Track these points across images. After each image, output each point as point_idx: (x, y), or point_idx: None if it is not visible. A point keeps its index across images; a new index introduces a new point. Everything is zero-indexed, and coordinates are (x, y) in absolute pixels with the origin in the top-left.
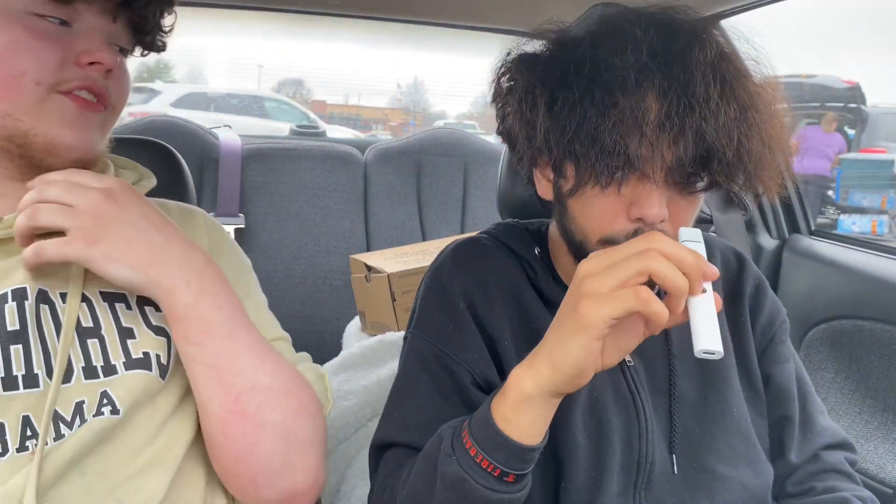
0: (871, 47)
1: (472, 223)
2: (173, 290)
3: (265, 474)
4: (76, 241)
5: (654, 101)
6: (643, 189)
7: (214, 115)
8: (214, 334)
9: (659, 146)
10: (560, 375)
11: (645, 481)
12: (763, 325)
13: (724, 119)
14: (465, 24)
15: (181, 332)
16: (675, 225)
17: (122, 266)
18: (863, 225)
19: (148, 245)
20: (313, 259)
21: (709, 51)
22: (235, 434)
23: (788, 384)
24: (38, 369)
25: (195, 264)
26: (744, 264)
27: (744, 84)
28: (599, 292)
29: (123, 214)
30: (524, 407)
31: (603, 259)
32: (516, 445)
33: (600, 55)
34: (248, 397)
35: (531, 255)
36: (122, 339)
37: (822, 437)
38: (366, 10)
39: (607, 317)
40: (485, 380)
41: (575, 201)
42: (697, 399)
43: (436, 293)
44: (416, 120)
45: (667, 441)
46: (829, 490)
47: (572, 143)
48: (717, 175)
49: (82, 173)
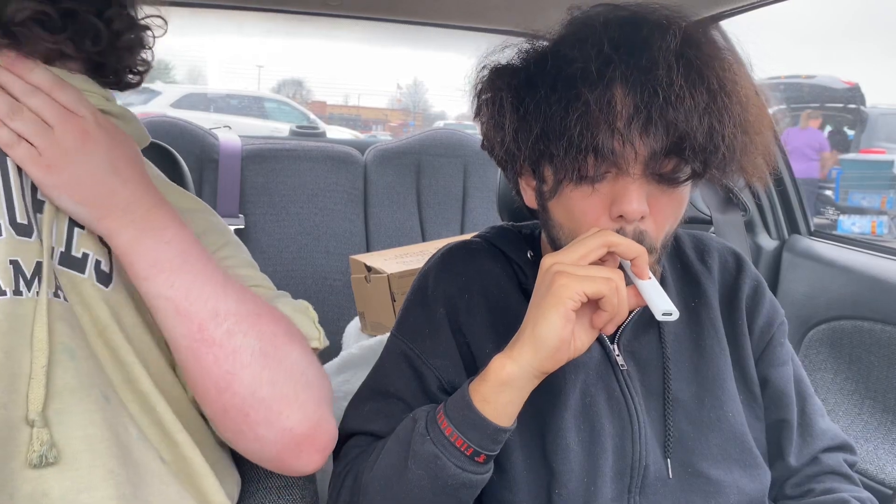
0: (870, 47)
1: (472, 224)
2: (114, 230)
3: (256, 408)
4: (37, 164)
5: (620, 92)
6: (621, 185)
7: (214, 116)
8: (163, 267)
9: (630, 138)
10: (541, 352)
11: (639, 486)
12: (761, 328)
13: (692, 104)
14: (465, 25)
15: (129, 269)
16: (658, 221)
17: (68, 200)
18: (863, 226)
19: (99, 187)
20: (313, 259)
21: (671, 38)
22: (208, 364)
23: (786, 387)
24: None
25: (143, 204)
26: (741, 265)
27: (713, 69)
28: (573, 272)
29: (89, 153)
30: (505, 388)
31: (565, 249)
32: (492, 426)
33: (562, 52)
34: (213, 324)
35: (523, 258)
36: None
37: (821, 440)
38: (366, 10)
39: (581, 291)
40: (452, 387)
41: (556, 205)
42: (692, 402)
43: (419, 297)
44: (416, 120)
45: (661, 445)
46: (828, 491)
47: (541, 141)
48: (693, 162)
49: (68, 90)
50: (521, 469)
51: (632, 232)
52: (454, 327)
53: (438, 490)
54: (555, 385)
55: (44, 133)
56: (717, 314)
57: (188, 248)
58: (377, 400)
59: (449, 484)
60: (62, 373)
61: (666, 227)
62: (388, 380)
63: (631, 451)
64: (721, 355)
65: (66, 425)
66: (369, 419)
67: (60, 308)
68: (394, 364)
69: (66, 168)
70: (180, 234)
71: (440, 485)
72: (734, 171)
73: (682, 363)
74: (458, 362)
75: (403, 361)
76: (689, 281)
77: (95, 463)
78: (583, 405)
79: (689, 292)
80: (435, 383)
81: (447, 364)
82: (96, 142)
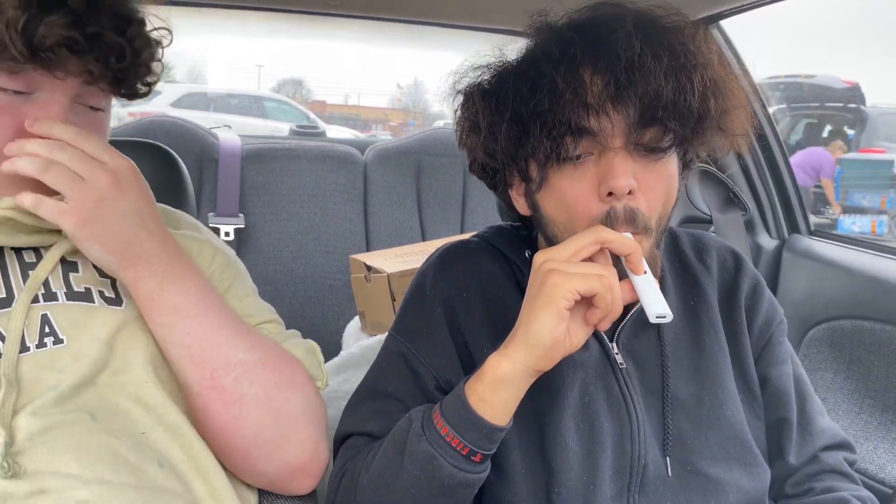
0: (871, 47)
1: (472, 223)
2: (139, 279)
3: (258, 447)
4: (71, 214)
5: (587, 71)
6: (605, 163)
7: (214, 115)
8: (181, 315)
9: (604, 110)
10: (536, 350)
11: (638, 484)
12: (760, 327)
13: (656, 65)
14: (465, 25)
15: (147, 314)
16: (649, 199)
17: (100, 250)
18: (863, 225)
19: (129, 238)
20: (313, 259)
21: (627, 14)
22: (217, 409)
23: (786, 386)
24: None
25: (166, 254)
26: (740, 264)
27: (674, 35)
28: (565, 269)
29: (120, 203)
30: (500, 386)
31: (557, 246)
32: (488, 425)
33: (528, 45)
34: (224, 373)
35: (521, 257)
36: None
37: (820, 438)
38: (366, 10)
39: (573, 289)
40: (449, 386)
41: (546, 198)
42: (691, 401)
43: (416, 296)
44: (416, 120)
45: (660, 443)
46: (828, 490)
47: (515, 125)
48: (669, 122)
49: (93, 141)
50: (520, 468)
51: (622, 210)
52: (452, 326)
53: (435, 490)
54: (554, 384)
55: (76, 184)
56: (716, 313)
57: (206, 297)
58: (374, 400)
59: (445, 484)
60: (43, 405)
61: (658, 206)
62: (385, 379)
63: (630, 449)
64: (720, 354)
65: (51, 443)
66: (366, 420)
67: (46, 357)
68: (391, 363)
69: (99, 219)
70: (199, 284)
71: (437, 485)
72: (714, 132)
73: (681, 362)
74: (456, 361)
75: (400, 361)
76: (689, 280)
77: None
78: (582, 404)
79: (688, 291)
80: (432, 382)
81: (444, 363)
82: (125, 190)
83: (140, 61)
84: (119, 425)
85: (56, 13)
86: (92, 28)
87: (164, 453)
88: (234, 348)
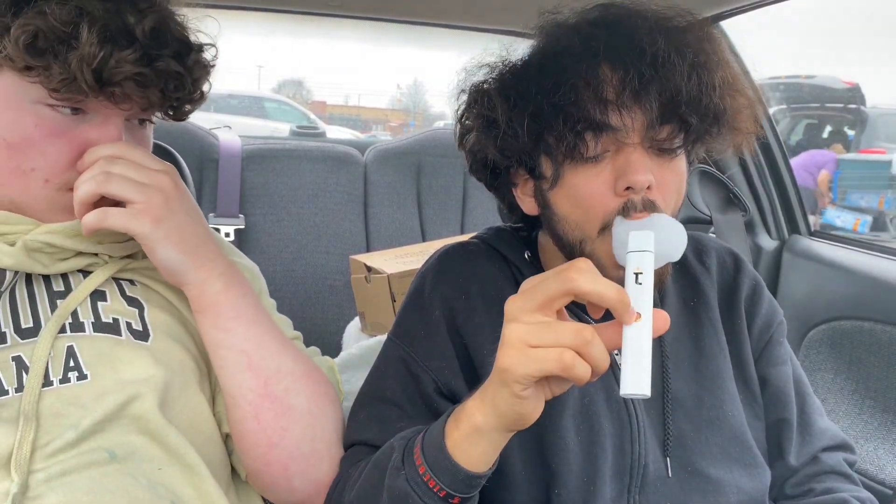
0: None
1: (472, 224)
2: (207, 280)
3: (297, 461)
4: (144, 215)
5: (608, 68)
6: (622, 159)
7: (214, 116)
8: (242, 320)
9: (625, 107)
10: (503, 419)
11: (638, 485)
12: (760, 328)
13: (679, 61)
14: (465, 25)
15: (211, 319)
16: (665, 194)
17: (173, 250)
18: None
19: (197, 235)
20: (313, 260)
21: (648, 13)
22: (267, 418)
23: (785, 387)
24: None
25: (223, 257)
26: (740, 265)
27: (693, 34)
28: (521, 347)
29: (184, 202)
30: (475, 438)
31: (524, 292)
32: (464, 472)
33: (544, 41)
34: (276, 381)
35: (520, 258)
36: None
37: (820, 439)
38: (366, 10)
39: (528, 376)
40: (449, 389)
41: (559, 195)
42: (692, 402)
43: (415, 299)
44: (416, 120)
45: (660, 444)
46: (828, 491)
47: (536, 121)
48: (689, 117)
49: (136, 150)
50: (520, 470)
51: (640, 202)
52: (451, 329)
53: None
54: None
55: (140, 188)
56: (716, 314)
57: (257, 303)
58: (373, 405)
59: None
60: (62, 444)
61: (672, 203)
62: (383, 384)
63: (630, 450)
64: (720, 354)
65: (68, 486)
66: (364, 427)
67: (68, 393)
68: (390, 367)
69: (170, 217)
70: (251, 292)
71: None
72: (728, 131)
73: (681, 362)
74: (455, 364)
75: (399, 365)
76: (688, 281)
77: None
78: (581, 405)
79: (688, 292)
80: (431, 386)
81: (444, 366)
82: (183, 190)
83: (196, 88)
84: (135, 464)
85: (127, 49)
86: (160, 64)
87: (178, 492)
88: (284, 356)
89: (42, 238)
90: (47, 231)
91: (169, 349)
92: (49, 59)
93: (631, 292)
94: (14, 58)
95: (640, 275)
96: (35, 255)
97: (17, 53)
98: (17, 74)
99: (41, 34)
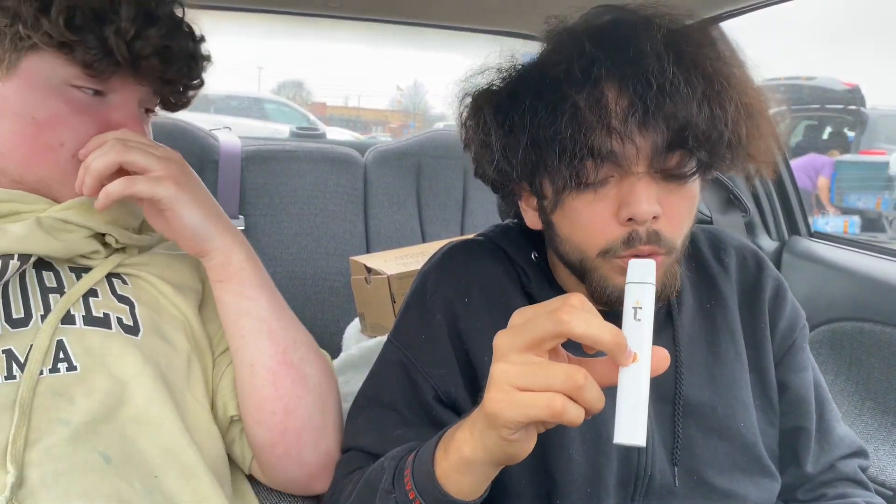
0: (871, 47)
1: (472, 225)
2: (232, 247)
3: (308, 431)
4: (167, 180)
5: (612, 90)
6: (627, 187)
7: (214, 117)
8: (264, 289)
9: (629, 135)
10: (492, 456)
11: (643, 494)
12: (783, 332)
13: (688, 91)
14: (465, 26)
15: (236, 286)
16: (673, 223)
17: (198, 214)
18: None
19: (214, 204)
20: (313, 261)
21: (656, 29)
22: (285, 385)
23: (806, 394)
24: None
25: (235, 227)
26: (762, 264)
27: (706, 55)
28: (508, 390)
29: (194, 175)
30: (464, 469)
31: (518, 329)
32: (451, 500)
33: (543, 59)
34: (293, 349)
35: (527, 259)
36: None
37: (839, 448)
38: (366, 11)
39: (515, 422)
40: (448, 397)
41: (560, 218)
42: (704, 409)
43: (417, 300)
44: (416, 122)
45: (669, 452)
46: (841, 496)
47: (531, 152)
48: (699, 153)
49: (138, 135)
50: (521, 479)
51: (645, 234)
52: (452, 334)
53: None
54: None
55: (158, 159)
56: (734, 316)
57: (268, 275)
58: (371, 409)
59: None
60: (56, 440)
61: (683, 227)
62: (382, 388)
63: (637, 459)
64: (737, 360)
65: (63, 487)
66: (362, 432)
67: (57, 382)
68: (388, 371)
69: (189, 182)
70: (260, 262)
71: None
72: (743, 159)
73: (695, 367)
74: (456, 371)
75: (399, 369)
76: (705, 281)
77: None
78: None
79: (704, 293)
80: (430, 393)
81: (444, 373)
82: (190, 165)
83: (200, 73)
84: (132, 468)
85: (153, 27)
86: (179, 42)
87: (175, 499)
88: (298, 328)
89: (57, 215)
90: (61, 208)
91: (159, 345)
92: (86, 34)
93: (628, 330)
94: (53, 33)
95: (640, 310)
96: (55, 234)
97: (57, 29)
98: (51, 53)
99: (79, 11)
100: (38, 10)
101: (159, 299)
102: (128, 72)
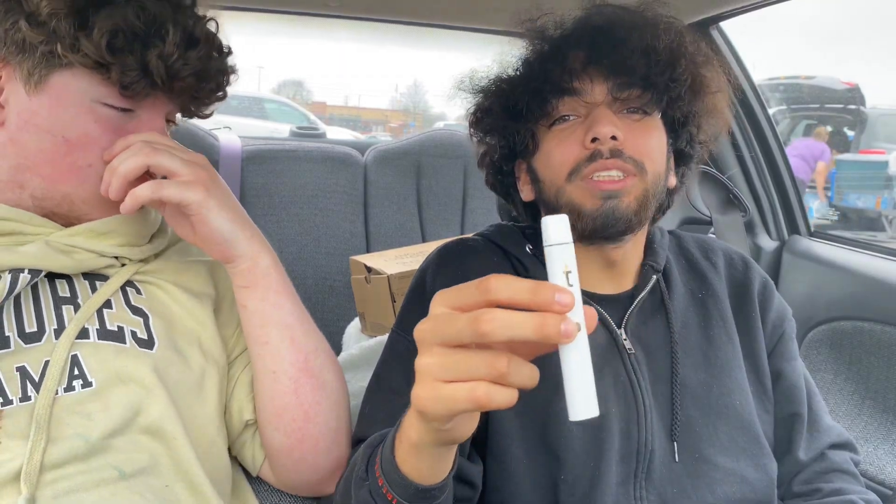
0: (871, 47)
1: (472, 225)
2: (259, 253)
3: (325, 437)
4: (196, 184)
5: (581, 54)
6: (591, 117)
7: (214, 117)
8: (289, 296)
9: (588, 74)
10: (436, 439)
11: (645, 470)
12: (773, 321)
13: (641, 36)
14: (465, 25)
15: (261, 293)
16: (637, 145)
17: (226, 218)
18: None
19: (241, 210)
20: (313, 260)
21: (636, 30)
22: (305, 392)
23: (798, 381)
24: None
25: (260, 233)
26: (748, 263)
27: (660, 25)
28: (433, 381)
29: (220, 179)
30: (415, 453)
31: (452, 288)
32: (414, 485)
33: (528, 51)
34: (314, 357)
35: (522, 251)
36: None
37: (828, 435)
38: (366, 10)
39: (441, 417)
40: None
41: (540, 162)
42: (700, 389)
43: (417, 293)
44: (416, 121)
45: (667, 429)
46: (837, 492)
47: (512, 96)
48: (650, 89)
49: (166, 140)
50: (522, 458)
51: (608, 150)
52: None
53: None
54: (556, 371)
55: (186, 163)
56: (725, 306)
57: (290, 282)
58: (380, 396)
59: None
60: (73, 455)
61: (649, 153)
62: (389, 375)
63: (637, 435)
64: (729, 344)
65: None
66: (370, 423)
67: (72, 401)
68: (394, 360)
69: (217, 188)
70: (283, 268)
71: None
72: (698, 98)
73: (690, 349)
74: None
75: (407, 357)
76: (696, 275)
77: None
78: None
79: (695, 285)
80: None
81: None
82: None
83: (226, 86)
84: (143, 480)
85: (193, 49)
86: (215, 62)
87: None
88: (318, 335)
89: (64, 241)
90: (69, 234)
91: (173, 359)
92: (126, 56)
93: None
94: (91, 55)
95: (570, 274)
96: (67, 254)
97: (98, 51)
98: (86, 72)
99: (121, 33)
100: (78, 28)
101: (173, 309)
102: (161, 90)
